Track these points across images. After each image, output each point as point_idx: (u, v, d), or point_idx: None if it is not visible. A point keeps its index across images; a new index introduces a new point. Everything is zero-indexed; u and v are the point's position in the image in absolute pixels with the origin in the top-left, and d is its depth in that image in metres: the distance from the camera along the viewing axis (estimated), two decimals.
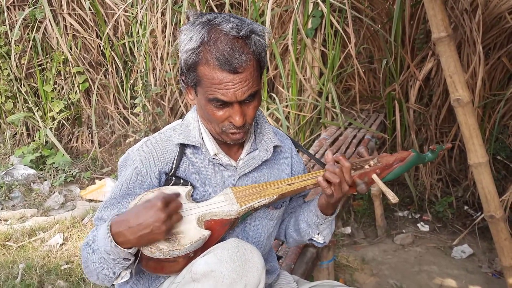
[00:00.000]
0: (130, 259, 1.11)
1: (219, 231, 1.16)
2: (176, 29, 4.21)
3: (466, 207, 3.72)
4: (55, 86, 4.85)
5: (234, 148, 1.30)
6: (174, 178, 1.25)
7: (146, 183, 1.23)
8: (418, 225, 3.64)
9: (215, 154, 1.27)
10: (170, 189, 1.20)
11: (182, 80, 1.22)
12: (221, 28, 1.10)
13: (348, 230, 3.55)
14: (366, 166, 1.27)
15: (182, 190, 1.20)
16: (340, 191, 1.22)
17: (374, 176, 1.27)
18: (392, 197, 1.21)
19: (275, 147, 1.33)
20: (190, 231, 1.10)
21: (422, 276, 3.01)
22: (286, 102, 3.79)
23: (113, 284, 1.18)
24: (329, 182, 1.21)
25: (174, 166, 1.25)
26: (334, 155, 1.22)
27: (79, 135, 5.06)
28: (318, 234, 1.38)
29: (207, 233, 1.11)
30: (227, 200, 1.19)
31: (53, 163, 4.56)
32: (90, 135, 5.03)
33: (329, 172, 1.20)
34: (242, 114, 1.16)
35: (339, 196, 1.24)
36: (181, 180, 1.25)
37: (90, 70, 4.86)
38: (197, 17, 1.14)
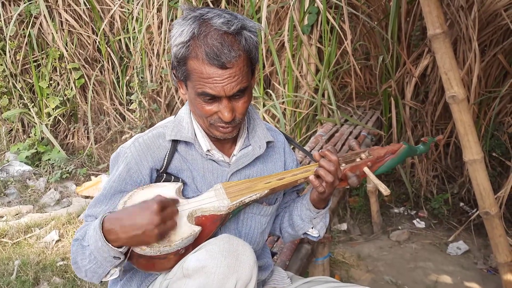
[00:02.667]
0: (120, 258, 1.10)
1: (210, 227, 1.16)
2: (172, 25, 4.20)
3: (461, 204, 3.73)
4: (50, 82, 4.83)
5: (227, 144, 1.30)
6: (165, 175, 1.24)
7: (137, 180, 1.23)
8: (414, 221, 3.65)
9: (208, 150, 1.27)
10: (161, 186, 1.20)
11: (174, 74, 1.22)
12: (212, 23, 1.10)
13: (344, 226, 3.56)
14: (357, 159, 1.28)
15: (173, 186, 1.20)
16: (332, 187, 1.23)
17: (366, 169, 1.27)
18: (384, 189, 1.21)
19: (268, 142, 1.33)
20: (181, 228, 1.10)
21: (418, 272, 3.02)
22: (283, 98, 3.79)
23: (101, 282, 1.17)
24: (320, 179, 1.21)
25: (165, 162, 1.24)
26: (320, 151, 1.22)
27: (75, 131, 5.04)
28: (312, 228, 1.38)
29: (197, 229, 1.11)
30: (217, 195, 1.18)
31: (49, 159, 4.55)
32: (86, 132, 5.01)
33: (324, 170, 1.20)
34: (231, 109, 1.15)
35: (330, 192, 1.25)
36: (172, 177, 1.24)
37: (86, 66, 4.84)
38: (190, 12, 1.15)
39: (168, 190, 1.18)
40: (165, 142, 1.26)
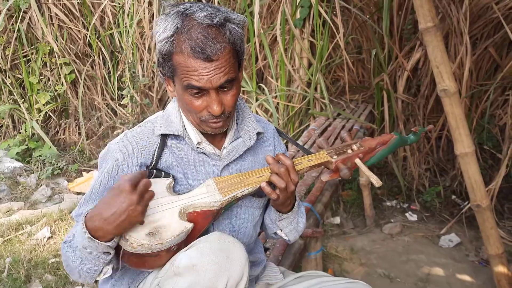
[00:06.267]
0: (110, 253, 1.09)
1: (202, 223, 1.15)
2: None
3: (453, 197, 3.75)
4: (41, 77, 4.78)
5: (217, 137, 1.29)
6: (155, 171, 1.23)
7: None
8: (406, 214, 3.67)
9: (198, 143, 1.26)
10: (151, 182, 1.19)
11: (160, 71, 1.21)
12: (195, 17, 1.10)
13: (337, 220, 3.57)
14: (349, 151, 1.27)
15: (163, 182, 1.18)
16: (286, 193, 1.19)
17: (357, 161, 1.27)
18: (376, 181, 1.21)
19: (258, 134, 1.32)
20: (172, 224, 1.09)
21: (410, 265, 3.04)
22: (275, 92, 3.78)
23: (96, 281, 1.16)
24: (272, 185, 1.18)
25: (155, 158, 1.23)
26: (275, 155, 1.19)
27: (66, 127, 5.00)
28: (280, 230, 1.36)
29: (189, 225, 1.10)
30: (209, 191, 1.17)
31: (40, 155, 4.51)
32: (77, 127, 4.97)
33: (274, 175, 1.17)
34: (220, 102, 1.14)
35: (286, 197, 1.20)
36: (162, 173, 1.23)
37: (77, 61, 4.79)
38: (173, 8, 1.14)
39: (158, 186, 1.17)
40: (154, 137, 1.25)
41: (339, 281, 1.34)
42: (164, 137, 1.25)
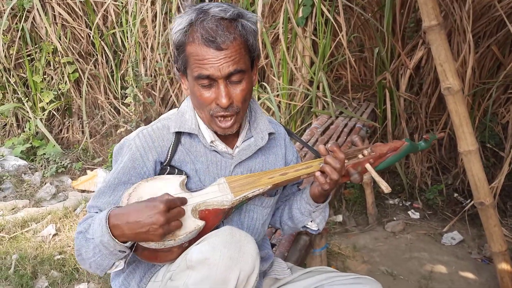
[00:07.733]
0: (125, 251, 1.11)
1: (213, 220, 1.17)
2: (166, 19, 4.18)
3: (456, 195, 3.76)
4: (44, 76, 4.80)
5: (230, 136, 1.31)
6: (168, 167, 1.25)
7: (141, 172, 1.24)
8: (409, 212, 3.68)
9: (212, 141, 1.28)
10: (165, 178, 1.21)
11: (176, 68, 1.24)
12: (210, 11, 1.14)
13: (339, 218, 3.58)
14: (360, 156, 1.28)
15: (177, 179, 1.20)
16: (336, 184, 1.24)
17: (368, 166, 1.27)
18: (385, 187, 1.22)
19: (269, 134, 1.34)
20: (185, 222, 1.11)
21: (413, 262, 3.05)
22: (277, 91, 3.79)
23: (105, 273, 1.18)
24: (325, 175, 1.22)
25: (169, 155, 1.25)
26: (329, 146, 1.23)
27: (69, 125, 5.02)
28: (311, 221, 1.39)
29: (201, 223, 1.12)
30: (221, 190, 1.19)
31: (44, 154, 4.53)
32: (80, 126, 4.99)
33: (330, 167, 1.21)
34: (228, 94, 1.17)
35: (333, 188, 1.26)
36: (176, 170, 1.25)
37: (80, 60, 4.81)
38: (191, 6, 1.18)
39: (172, 182, 1.19)
40: (169, 134, 1.27)
41: (347, 276, 1.36)
42: (179, 134, 1.27)
